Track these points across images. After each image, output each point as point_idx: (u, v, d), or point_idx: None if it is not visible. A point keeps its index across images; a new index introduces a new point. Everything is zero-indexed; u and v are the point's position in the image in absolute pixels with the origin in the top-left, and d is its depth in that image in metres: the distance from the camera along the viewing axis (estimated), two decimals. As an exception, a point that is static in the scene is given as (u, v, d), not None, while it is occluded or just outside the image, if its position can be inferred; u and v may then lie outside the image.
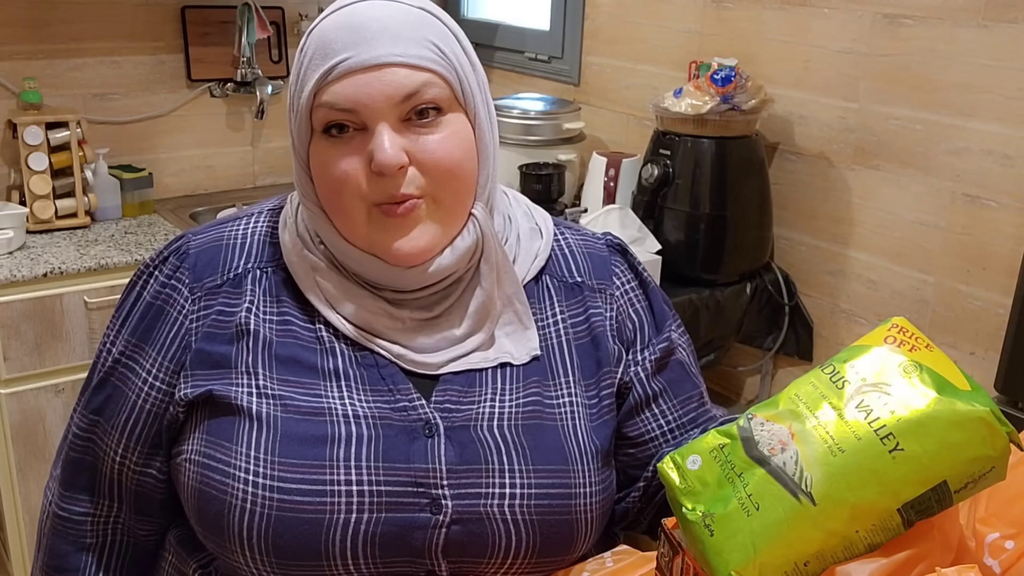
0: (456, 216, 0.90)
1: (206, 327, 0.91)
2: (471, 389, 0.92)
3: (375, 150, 0.84)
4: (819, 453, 0.68)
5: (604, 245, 1.04)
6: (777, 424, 0.72)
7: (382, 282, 0.91)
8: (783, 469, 0.69)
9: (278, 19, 2.83)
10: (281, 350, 0.90)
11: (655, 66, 2.43)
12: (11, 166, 2.51)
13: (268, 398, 0.88)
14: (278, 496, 0.84)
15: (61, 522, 0.99)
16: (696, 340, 2.11)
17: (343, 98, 0.84)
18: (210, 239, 0.96)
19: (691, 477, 0.73)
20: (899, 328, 0.74)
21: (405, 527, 0.85)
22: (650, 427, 0.99)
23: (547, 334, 0.96)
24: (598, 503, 0.92)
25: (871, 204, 2.00)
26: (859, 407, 0.69)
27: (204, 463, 0.88)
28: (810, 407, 0.71)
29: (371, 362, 0.91)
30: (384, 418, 0.88)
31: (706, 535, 0.70)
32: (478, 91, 0.91)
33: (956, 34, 1.79)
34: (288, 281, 0.93)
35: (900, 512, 0.68)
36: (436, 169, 0.87)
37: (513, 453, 0.89)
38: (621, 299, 1.01)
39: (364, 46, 0.84)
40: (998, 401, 1.56)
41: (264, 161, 2.94)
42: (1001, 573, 0.72)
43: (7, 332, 2.10)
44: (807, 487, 0.68)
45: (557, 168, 2.31)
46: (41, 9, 2.49)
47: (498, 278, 0.94)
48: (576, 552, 0.91)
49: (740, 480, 0.70)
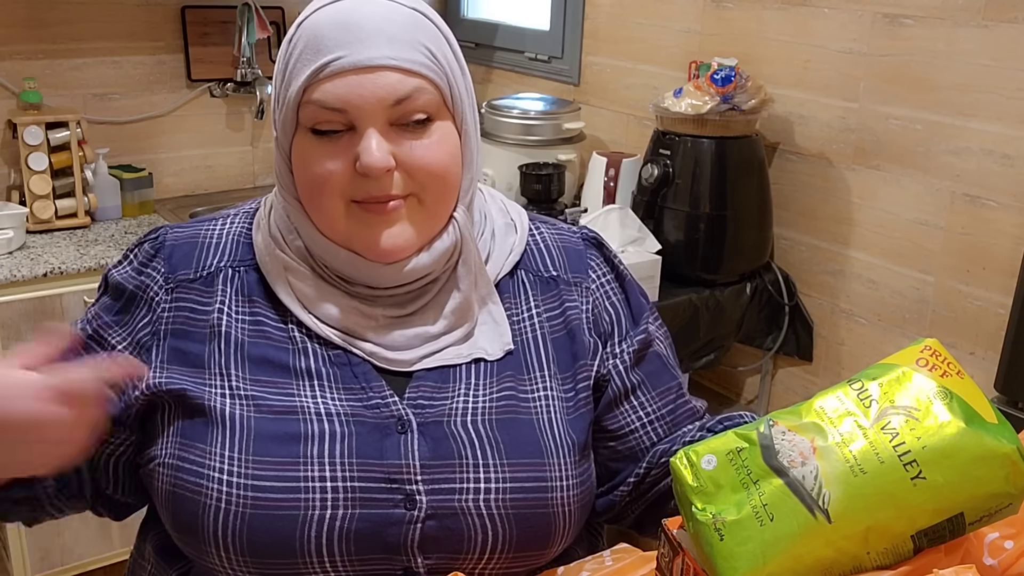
0: (437, 218, 0.91)
1: (178, 322, 0.92)
2: (444, 385, 0.92)
3: (362, 152, 0.84)
4: (840, 471, 0.68)
5: (580, 239, 1.04)
6: (799, 436, 0.70)
7: (356, 277, 0.91)
8: (802, 483, 0.68)
9: (278, 19, 2.83)
10: (253, 350, 0.91)
11: (655, 66, 2.43)
12: (11, 166, 2.51)
13: (241, 399, 0.88)
14: (252, 494, 0.84)
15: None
16: (696, 340, 2.11)
17: (334, 97, 0.84)
18: (187, 235, 0.97)
19: (704, 477, 0.71)
20: (932, 351, 0.73)
21: (380, 523, 0.85)
22: (630, 419, 1.00)
23: (522, 328, 0.96)
24: (576, 496, 0.92)
25: (871, 204, 2.00)
26: (885, 429, 0.68)
27: (177, 466, 0.87)
28: (834, 422, 0.70)
29: (344, 360, 0.91)
30: (357, 415, 0.88)
31: (715, 539, 0.69)
32: (466, 96, 0.92)
33: (956, 34, 1.79)
34: (261, 281, 0.94)
35: (913, 539, 0.67)
36: (422, 173, 0.87)
37: (487, 447, 0.89)
38: (597, 292, 1.01)
39: (358, 45, 0.84)
40: (998, 401, 1.57)
41: (264, 161, 2.94)
42: (1001, 573, 0.72)
43: (7, 332, 2.10)
44: (824, 504, 0.67)
45: (557, 168, 2.31)
46: (41, 9, 2.49)
47: (475, 280, 0.94)
48: (555, 546, 0.91)
49: (756, 487, 0.69)
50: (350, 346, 0.91)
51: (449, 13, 3.11)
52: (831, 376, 2.16)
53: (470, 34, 3.02)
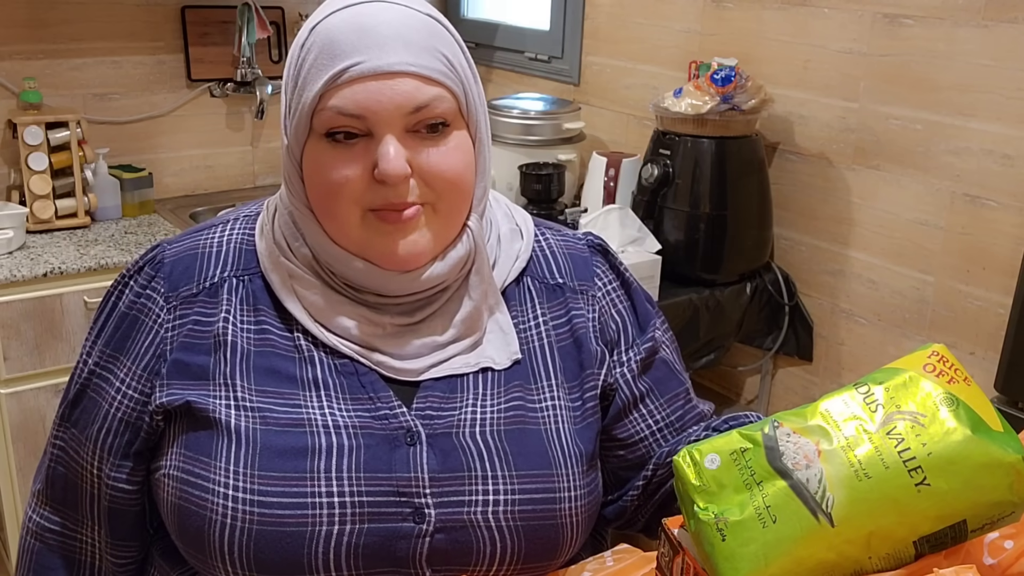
0: (452, 226, 0.90)
1: (183, 336, 0.90)
2: (452, 395, 0.90)
3: (380, 159, 0.83)
4: (844, 475, 0.68)
5: (585, 246, 1.03)
6: (804, 438, 0.70)
7: (370, 286, 0.90)
8: (806, 486, 0.68)
9: (278, 19, 2.83)
10: (259, 360, 0.89)
11: (655, 66, 2.43)
12: (11, 166, 2.51)
13: (247, 411, 0.87)
14: (259, 510, 0.83)
15: (51, 535, 0.98)
16: (696, 340, 2.11)
17: (353, 103, 0.82)
18: (185, 248, 0.95)
19: (708, 476, 0.71)
20: (939, 357, 0.73)
21: (388, 537, 0.84)
22: (639, 428, 0.99)
23: (529, 337, 0.95)
24: (583, 507, 0.91)
25: (871, 204, 2.00)
26: (890, 434, 0.68)
27: (183, 479, 0.86)
28: (839, 426, 0.70)
29: (351, 370, 0.90)
30: (365, 427, 0.87)
31: (717, 539, 0.68)
32: (480, 105, 0.91)
33: (956, 34, 1.79)
34: (265, 289, 0.92)
35: (915, 544, 0.67)
36: (438, 181, 0.86)
37: (496, 459, 0.88)
38: (603, 300, 1.00)
39: (376, 51, 0.82)
40: (998, 401, 1.57)
41: (264, 161, 2.94)
42: (1000, 572, 0.72)
43: (7, 332, 2.10)
44: (828, 508, 0.67)
45: (557, 168, 2.31)
46: (41, 9, 2.49)
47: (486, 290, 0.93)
48: (562, 556, 0.91)
49: (759, 488, 0.69)
50: (357, 356, 0.90)
51: (449, 13, 3.11)
52: (831, 376, 2.16)
53: (470, 34, 3.02)
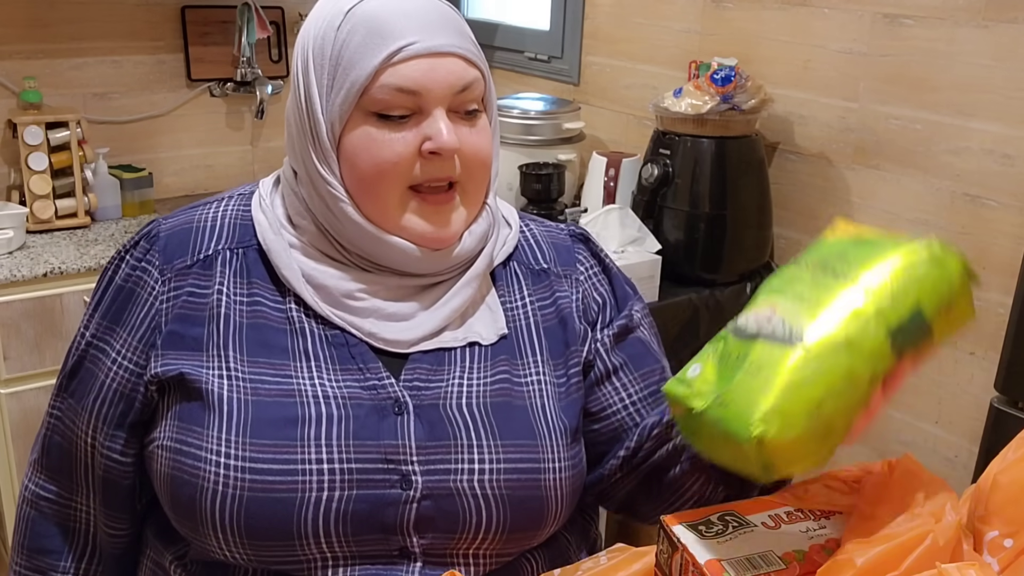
0: (476, 205, 0.95)
1: (177, 308, 0.93)
2: (440, 368, 0.93)
3: (435, 134, 0.87)
4: (801, 309, 0.75)
5: (567, 235, 1.08)
6: (759, 309, 0.78)
7: (407, 265, 0.93)
8: (774, 334, 0.74)
9: (278, 19, 2.83)
10: (251, 331, 0.92)
11: (655, 66, 2.43)
12: (11, 166, 2.51)
13: (238, 380, 0.89)
14: (250, 477, 0.85)
15: (47, 503, 1.01)
16: (696, 340, 2.11)
17: (410, 80, 0.87)
18: (180, 222, 0.98)
19: (696, 383, 0.77)
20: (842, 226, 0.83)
21: (376, 503, 0.87)
22: (612, 400, 1.01)
23: (515, 315, 0.99)
24: (568, 478, 0.94)
25: (871, 204, 2.00)
26: (825, 271, 0.77)
27: (176, 448, 0.89)
28: (782, 290, 0.78)
29: (341, 340, 0.92)
30: (354, 397, 0.90)
31: (721, 412, 0.73)
32: (493, 93, 0.97)
33: (956, 34, 1.79)
34: (259, 261, 0.95)
35: (890, 339, 0.73)
36: (473, 161, 0.91)
37: (481, 429, 0.91)
38: (586, 283, 1.04)
39: (429, 31, 0.87)
40: (998, 401, 1.57)
41: (264, 160, 2.94)
42: (1000, 571, 0.72)
43: (7, 332, 2.10)
44: (799, 335, 0.73)
45: (557, 168, 2.31)
46: (41, 9, 2.49)
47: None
48: (547, 527, 0.93)
49: (740, 362, 0.74)
50: (348, 326, 0.92)
51: (449, 13, 3.11)
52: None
53: (470, 34, 3.02)
